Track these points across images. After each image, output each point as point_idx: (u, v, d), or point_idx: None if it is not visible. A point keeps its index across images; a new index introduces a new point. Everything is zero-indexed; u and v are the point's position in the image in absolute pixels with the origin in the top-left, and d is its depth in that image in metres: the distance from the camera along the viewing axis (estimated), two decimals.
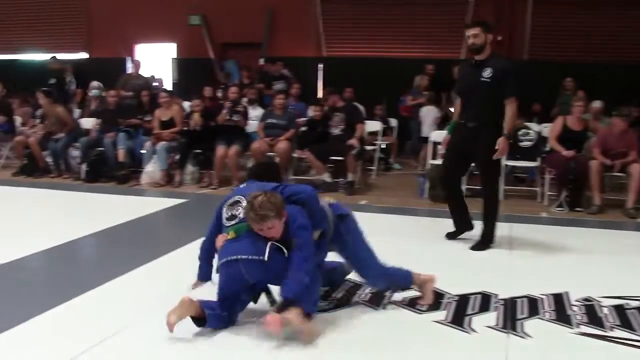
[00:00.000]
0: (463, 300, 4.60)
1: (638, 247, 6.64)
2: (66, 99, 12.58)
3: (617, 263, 5.87)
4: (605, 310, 4.53)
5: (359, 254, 4.41)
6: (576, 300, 4.69)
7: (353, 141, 9.29)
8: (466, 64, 6.44)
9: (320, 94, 14.11)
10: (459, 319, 4.27)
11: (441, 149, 6.46)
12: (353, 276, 4.97)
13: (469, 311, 4.43)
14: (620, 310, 4.50)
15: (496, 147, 5.87)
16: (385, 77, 13.29)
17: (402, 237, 6.64)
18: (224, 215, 4.12)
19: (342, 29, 15.39)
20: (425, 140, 10.99)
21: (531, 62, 14.12)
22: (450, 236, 6.51)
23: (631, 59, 13.43)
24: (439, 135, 9.80)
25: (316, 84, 14.89)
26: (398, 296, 4.70)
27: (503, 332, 4.08)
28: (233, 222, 4.03)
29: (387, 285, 4.57)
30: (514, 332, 4.07)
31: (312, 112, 10.05)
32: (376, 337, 3.93)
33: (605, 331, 4.15)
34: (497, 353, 3.74)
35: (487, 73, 5.93)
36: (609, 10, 13.87)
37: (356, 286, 4.88)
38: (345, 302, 4.57)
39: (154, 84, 13.75)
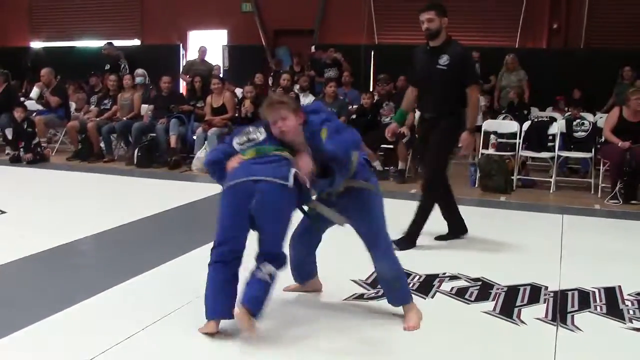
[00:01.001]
0: (512, 292, 4.55)
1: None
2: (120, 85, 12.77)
3: None
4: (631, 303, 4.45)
5: (379, 230, 4.00)
6: (629, 295, 4.60)
7: (404, 129, 9.24)
8: (420, 50, 5.96)
9: (371, 82, 14.06)
10: (507, 310, 4.22)
11: (389, 137, 6.04)
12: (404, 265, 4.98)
13: (518, 302, 4.38)
14: None
15: (460, 145, 5.65)
16: None
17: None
18: (237, 142, 3.79)
19: (394, 15, 15.28)
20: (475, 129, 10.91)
21: (587, 51, 13.86)
22: (443, 238, 6.03)
23: None
24: (490, 125, 9.73)
25: (368, 71, 14.82)
26: (446, 286, 4.68)
27: (552, 324, 4.02)
28: (251, 144, 3.73)
29: (391, 278, 4.05)
30: (564, 325, 4.01)
31: (363, 100, 10.04)
32: (423, 327, 3.91)
33: (624, 323, 4.07)
34: (546, 346, 3.69)
35: (443, 60, 5.59)
36: None
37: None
38: None
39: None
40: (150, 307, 4.12)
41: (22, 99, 12.49)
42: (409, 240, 5.68)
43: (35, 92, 11.84)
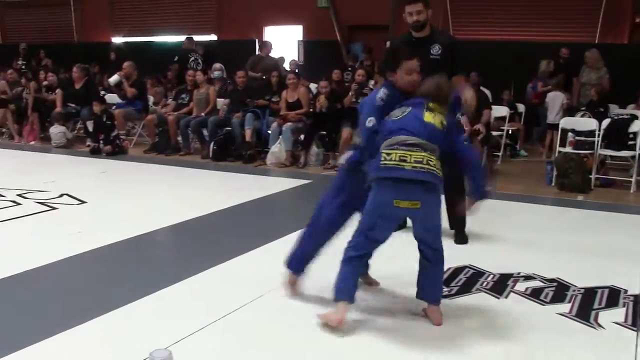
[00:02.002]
0: (589, 294, 4.46)
1: None
2: (180, 77, 13.00)
3: None
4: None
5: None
6: None
7: (479, 126, 9.13)
8: (402, 40, 5.79)
9: None
10: (584, 313, 4.14)
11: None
12: (471, 262, 4.97)
13: (596, 305, 4.30)
14: None
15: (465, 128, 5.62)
16: (513, 61, 12.95)
17: (528, 226, 6.50)
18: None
19: (470, 10, 15.09)
20: (552, 126, 10.70)
21: None
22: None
23: None
24: (568, 122, 9.53)
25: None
26: (521, 286, 4.63)
27: (632, 329, 3.93)
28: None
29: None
30: (587, 323, 3.94)
31: None
32: (496, 327, 3.89)
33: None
34: (626, 351, 3.61)
35: (435, 50, 5.51)
36: None
37: (478, 274, 4.84)
38: (466, 290, 4.54)
39: (287, 66, 13.97)
40: (229, 296, 4.25)
41: (102, 92, 12.84)
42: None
43: (114, 78, 12.14)
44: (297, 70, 12.70)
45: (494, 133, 10.45)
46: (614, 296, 4.46)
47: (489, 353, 3.54)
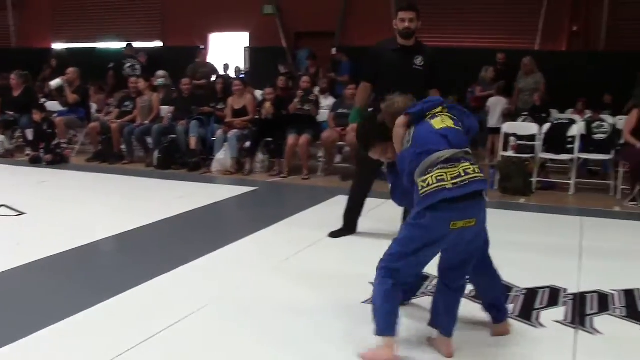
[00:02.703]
0: (531, 294, 4.55)
1: None
2: (120, 84, 12.86)
3: None
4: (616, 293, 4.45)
5: None
6: None
7: None
8: (387, 48, 5.80)
9: None
10: (526, 313, 4.22)
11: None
12: None
13: (537, 305, 4.39)
14: None
15: None
16: (455, 67, 13.12)
17: None
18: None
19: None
20: (493, 131, 10.87)
21: (607, 54, 13.82)
22: (335, 235, 6.08)
23: None
24: (510, 127, 9.71)
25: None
26: (469, 288, 4.68)
27: (571, 327, 4.03)
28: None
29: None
30: (583, 328, 4.02)
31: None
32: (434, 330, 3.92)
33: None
34: (565, 349, 3.69)
35: (419, 60, 5.62)
36: None
37: (424, 277, 4.88)
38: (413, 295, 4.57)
39: (231, 72, 13.94)
40: (168, 310, 4.16)
41: (43, 100, 12.61)
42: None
43: (56, 82, 11.93)
44: (242, 77, 12.68)
45: None
46: (554, 296, 4.55)
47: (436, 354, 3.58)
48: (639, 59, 12.27)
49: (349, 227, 6.15)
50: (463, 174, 3.27)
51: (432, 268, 3.61)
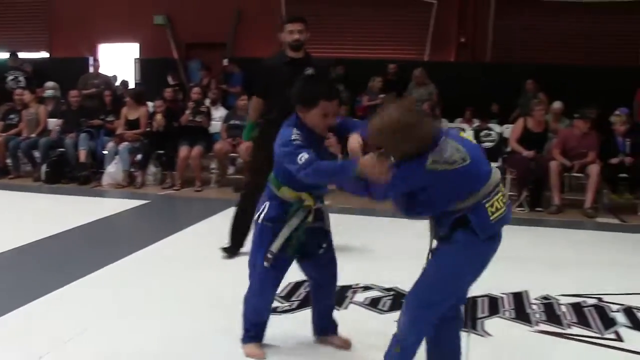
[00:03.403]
0: (472, 304, 4.59)
1: (595, 246, 6.74)
2: (4, 96, 12.40)
3: (575, 262, 5.96)
4: (564, 308, 4.61)
5: None
6: (535, 299, 4.76)
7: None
8: (276, 63, 5.71)
9: None
10: (472, 323, 4.24)
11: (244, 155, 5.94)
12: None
13: (480, 314, 4.46)
14: (577, 308, 4.57)
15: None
16: (348, 77, 13.30)
17: (367, 239, 6.67)
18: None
19: (310, 30, 15.36)
20: None
21: (493, 65, 14.30)
22: (228, 251, 5.83)
23: (590, 62, 13.73)
24: None
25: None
26: (360, 296, 4.73)
27: (463, 331, 4.10)
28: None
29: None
30: (474, 331, 4.11)
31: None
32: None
33: (563, 328, 4.22)
34: (521, 355, 3.77)
35: (310, 72, 5.41)
36: (568, 15, 14.15)
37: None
38: (307, 304, 4.57)
39: (120, 84, 13.66)
40: (48, 333, 3.99)
41: None
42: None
43: None
44: (132, 88, 12.43)
45: None
46: (493, 303, 4.64)
47: None
48: (523, 69, 12.73)
49: (239, 244, 5.88)
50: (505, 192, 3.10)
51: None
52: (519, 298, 4.76)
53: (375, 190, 2.99)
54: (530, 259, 5.93)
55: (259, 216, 3.55)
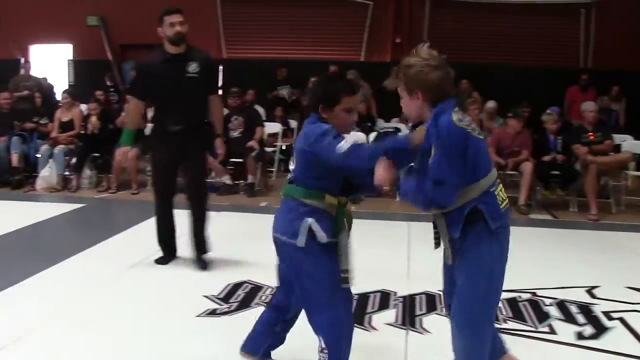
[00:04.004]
0: (363, 299, 4.65)
1: (529, 242, 6.87)
2: None
3: (510, 258, 6.04)
4: (500, 303, 4.68)
5: None
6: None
7: (252, 143, 9.29)
8: (154, 61, 5.39)
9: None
10: (359, 318, 4.31)
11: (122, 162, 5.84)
12: (249, 277, 5.01)
13: (369, 309, 4.51)
14: (512, 302, 4.66)
15: (219, 151, 5.53)
16: (289, 79, 13.32)
17: None
18: None
19: (243, 30, 15.34)
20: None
21: None
22: (161, 262, 5.61)
23: (522, 62, 14.05)
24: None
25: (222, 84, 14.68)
26: None
27: (402, 328, 4.16)
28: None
29: None
30: (413, 329, 4.17)
31: None
32: None
33: (499, 323, 4.29)
34: (397, 350, 3.81)
35: (193, 67, 5.24)
36: (503, 16, 14.46)
37: (257, 288, 4.89)
38: (246, 305, 4.56)
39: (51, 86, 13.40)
40: None
41: None
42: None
43: None
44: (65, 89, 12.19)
45: (268, 149, 10.65)
46: (385, 299, 4.69)
47: None
48: (458, 69, 12.83)
49: (168, 251, 5.68)
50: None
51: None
52: None
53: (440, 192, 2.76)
54: None
55: (306, 240, 3.08)
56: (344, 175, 3.09)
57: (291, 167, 3.28)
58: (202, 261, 5.48)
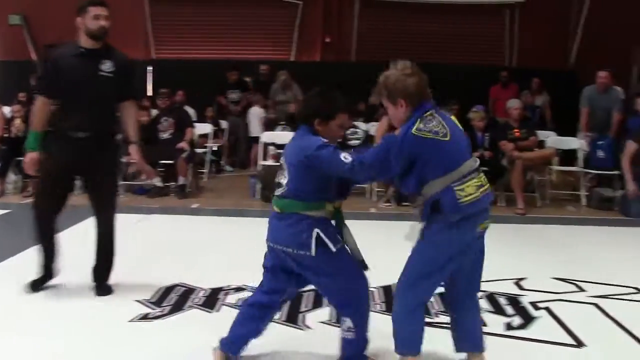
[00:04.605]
0: (297, 298, 4.64)
1: None
2: None
3: None
4: (431, 298, 4.75)
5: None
6: None
7: (183, 144, 9.19)
8: (65, 55, 4.81)
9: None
10: (293, 317, 4.33)
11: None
12: (181, 279, 4.97)
13: (303, 308, 4.52)
14: (444, 297, 4.71)
15: (134, 157, 5.11)
16: (217, 79, 13.21)
17: (236, 239, 6.67)
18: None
19: (172, 30, 15.22)
20: (255, 140, 11.00)
21: (358, 63, 14.60)
22: (35, 286, 4.94)
23: (450, 60, 14.30)
24: (268, 136, 9.93)
25: (145, 87, 14.49)
26: (232, 298, 4.72)
27: (336, 326, 4.16)
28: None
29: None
30: (336, 325, 4.17)
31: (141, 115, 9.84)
32: (215, 342, 3.91)
33: (431, 318, 4.37)
34: (332, 347, 3.82)
35: (107, 66, 4.70)
36: (430, 16, 14.77)
37: (189, 290, 4.85)
38: (178, 308, 4.52)
39: None
40: None
41: None
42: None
43: None
44: None
45: (199, 150, 10.57)
46: (318, 297, 4.70)
47: None
48: (386, 67, 13.00)
49: (46, 272, 5.03)
50: (485, 184, 3.34)
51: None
52: (388, 291, 4.87)
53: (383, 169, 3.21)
54: (397, 252, 6.00)
55: (323, 249, 3.34)
56: (342, 181, 3.40)
57: (283, 181, 3.42)
58: (103, 288, 4.91)
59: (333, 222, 3.45)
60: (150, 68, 14.65)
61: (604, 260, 6.18)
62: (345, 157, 3.21)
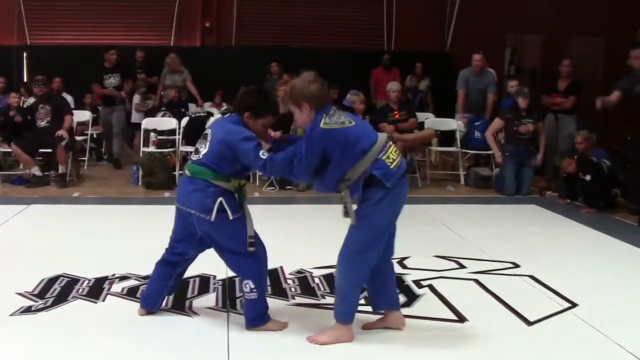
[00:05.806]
0: (183, 285, 4.62)
1: (340, 219, 7.08)
2: None
3: (323, 235, 6.20)
4: (317, 280, 4.85)
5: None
6: (290, 274, 4.97)
7: (61, 132, 8.92)
8: None
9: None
10: (180, 304, 4.31)
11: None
12: (65, 270, 4.88)
13: (189, 295, 4.51)
14: (329, 278, 4.80)
15: None
16: (95, 64, 12.84)
17: (120, 227, 6.59)
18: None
19: (47, 15, 14.69)
20: (137, 126, 10.70)
21: (239, 48, 14.56)
22: None
23: (331, 45, 14.50)
24: (149, 122, 9.79)
25: (21, 74, 13.91)
26: (117, 287, 4.66)
27: (223, 311, 4.20)
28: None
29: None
30: (234, 310, 4.22)
31: (11, 102, 9.45)
32: (101, 333, 3.86)
33: (317, 299, 4.46)
34: (219, 332, 3.86)
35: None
36: (310, 1, 14.82)
37: (73, 281, 4.75)
38: (62, 299, 4.42)
39: None
40: None
41: None
42: None
43: None
44: None
45: (78, 138, 10.31)
46: (204, 283, 4.71)
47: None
48: (268, 52, 13.06)
49: None
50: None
51: None
52: (274, 274, 4.91)
53: (299, 171, 3.66)
54: (283, 236, 6.09)
55: (223, 215, 3.71)
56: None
57: (202, 150, 3.81)
58: None
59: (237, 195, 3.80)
60: (25, 54, 14.10)
61: (482, 237, 6.42)
62: (263, 153, 3.65)
